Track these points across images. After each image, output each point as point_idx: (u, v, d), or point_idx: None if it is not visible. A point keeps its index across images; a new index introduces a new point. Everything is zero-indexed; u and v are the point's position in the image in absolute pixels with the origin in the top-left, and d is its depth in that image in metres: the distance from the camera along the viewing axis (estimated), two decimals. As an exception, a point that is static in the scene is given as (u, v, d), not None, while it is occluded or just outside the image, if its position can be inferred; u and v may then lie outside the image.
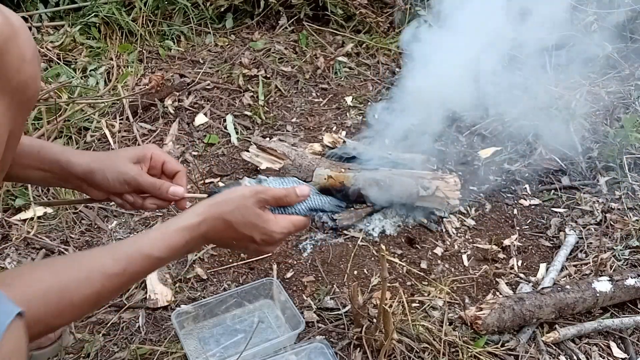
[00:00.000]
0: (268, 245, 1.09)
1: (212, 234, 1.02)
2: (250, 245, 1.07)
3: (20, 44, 0.94)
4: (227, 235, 1.04)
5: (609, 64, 2.52)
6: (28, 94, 1.00)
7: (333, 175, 1.68)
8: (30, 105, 1.05)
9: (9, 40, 0.92)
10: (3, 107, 0.96)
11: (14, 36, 0.93)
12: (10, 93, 0.96)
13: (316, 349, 1.34)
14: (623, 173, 1.94)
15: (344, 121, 2.24)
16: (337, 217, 1.70)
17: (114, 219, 1.75)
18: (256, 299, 1.50)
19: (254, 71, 2.45)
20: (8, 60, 0.93)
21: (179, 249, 0.98)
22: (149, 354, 1.36)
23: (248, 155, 1.91)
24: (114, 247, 1.09)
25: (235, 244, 1.08)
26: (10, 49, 0.92)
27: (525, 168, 2.02)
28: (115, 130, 2.08)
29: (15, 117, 1.00)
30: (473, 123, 2.21)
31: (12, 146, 1.06)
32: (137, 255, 0.94)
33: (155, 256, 0.95)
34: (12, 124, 1.01)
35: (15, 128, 1.03)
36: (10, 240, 1.65)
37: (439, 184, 1.71)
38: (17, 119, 1.01)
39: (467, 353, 1.36)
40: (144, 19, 2.55)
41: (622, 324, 1.47)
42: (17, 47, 0.94)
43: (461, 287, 1.58)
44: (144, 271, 0.96)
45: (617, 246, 1.69)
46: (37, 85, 1.02)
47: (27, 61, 0.96)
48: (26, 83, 0.98)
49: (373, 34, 2.73)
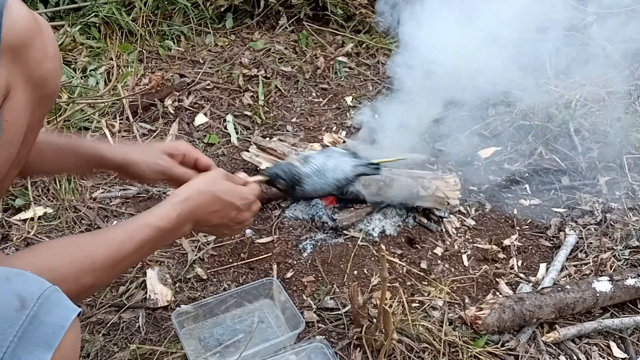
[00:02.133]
0: (247, 211, 1.21)
1: (200, 208, 1.12)
2: (233, 213, 1.18)
3: (44, 41, 1.00)
4: (213, 205, 1.14)
5: (609, 64, 2.52)
6: (48, 88, 1.05)
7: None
8: (49, 101, 1.11)
9: (35, 36, 0.98)
10: (24, 100, 1.01)
11: (39, 33, 0.99)
12: (32, 87, 1.02)
13: (316, 349, 1.34)
14: (623, 173, 1.94)
15: (344, 121, 2.24)
16: (337, 217, 1.70)
17: (114, 219, 1.75)
18: (256, 299, 1.50)
19: (254, 71, 2.45)
20: (32, 55, 0.99)
21: (172, 220, 1.07)
22: (149, 354, 1.36)
23: (248, 155, 1.91)
24: (121, 222, 1.22)
25: (220, 215, 1.17)
26: (34, 45, 0.98)
27: (525, 168, 2.02)
28: (115, 130, 2.08)
29: (34, 111, 1.06)
30: (473, 123, 2.21)
31: (29, 140, 1.12)
32: (141, 222, 1.04)
33: (154, 225, 1.04)
34: (31, 118, 1.06)
35: (34, 123, 1.09)
36: (10, 240, 1.65)
37: (439, 183, 1.71)
38: (36, 113, 1.08)
39: (467, 353, 1.36)
40: (144, 19, 2.55)
41: (622, 324, 1.48)
42: (42, 43, 0.99)
43: (461, 287, 1.58)
44: (149, 239, 1.04)
45: (617, 246, 1.69)
46: (57, 82, 1.08)
47: (49, 57, 1.02)
48: (47, 79, 1.03)
49: (373, 34, 2.73)
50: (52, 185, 1.80)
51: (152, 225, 1.04)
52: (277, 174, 1.35)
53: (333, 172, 1.43)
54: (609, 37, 2.54)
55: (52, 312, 0.71)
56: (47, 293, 0.71)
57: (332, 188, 1.43)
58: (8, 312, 0.68)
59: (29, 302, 0.69)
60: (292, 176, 1.36)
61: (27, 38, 0.97)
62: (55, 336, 0.70)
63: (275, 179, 1.35)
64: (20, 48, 0.97)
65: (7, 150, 1.04)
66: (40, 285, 0.72)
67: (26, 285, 0.71)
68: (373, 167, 1.53)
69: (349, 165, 1.47)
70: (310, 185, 1.39)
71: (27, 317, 0.69)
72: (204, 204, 1.14)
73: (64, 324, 0.71)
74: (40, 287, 0.71)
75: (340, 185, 1.44)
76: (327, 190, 1.42)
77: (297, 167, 1.39)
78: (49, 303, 0.71)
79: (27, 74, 1.00)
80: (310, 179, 1.40)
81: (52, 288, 0.72)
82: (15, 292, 0.70)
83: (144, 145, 1.46)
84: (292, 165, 1.39)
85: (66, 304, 0.73)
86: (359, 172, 1.48)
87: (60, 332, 0.70)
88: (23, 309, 0.69)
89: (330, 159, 1.44)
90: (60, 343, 0.70)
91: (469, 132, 2.18)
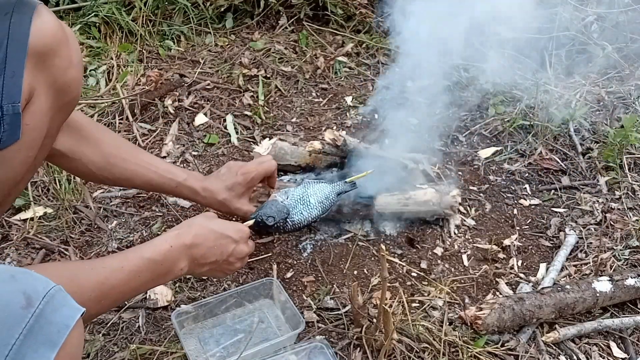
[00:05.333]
0: (245, 244, 1.23)
1: (195, 242, 1.12)
2: (231, 247, 1.19)
3: (70, 49, 1.05)
4: (209, 239, 1.15)
5: (609, 64, 2.52)
6: (70, 95, 1.09)
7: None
8: (70, 108, 1.16)
9: (61, 44, 1.03)
10: (46, 106, 1.04)
11: (65, 41, 1.04)
12: (54, 93, 1.05)
13: (316, 348, 1.34)
14: (623, 173, 1.94)
15: (344, 121, 2.24)
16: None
17: (114, 219, 1.75)
18: (256, 299, 1.50)
19: (254, 71, 2.45)
20: (57, 62, 1.03)
21: (163, 252, 1.07)
22: (149, 354, 1.36)
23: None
24: (115, 252, 1.26)
25: (219, 252, 1.18)
26: (61, 52, 1.02)
27: (525, 168, 2.02)
28: (115, 130, 2.08)
29: (54, 117, 1.10)
30: (473, 123, 2.21)
31: (47, 145, 1.16)
32: (132, 254, 1.04)
33: (145, 256, 1.04)
34: (50, 123, 1.10)
35: (53, 128, 1.13)
36: (10, 240, 1.65)
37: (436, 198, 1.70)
38: (55, 119, 1.11)
39: (467, 353, 1.36)
40: (144, 18, 2.55)
41: (622, 324, 1.48)
42: (67, 51, 1.04)
43: (461, 287, 1.58)
44: (139, 270, 1.03)
45: (617, 246, 1.69)
46: (78, 90, 1.13)
47: (74, 65, 1.07)
48: (70, 86, 1.08)
49: (373, 34, 2.73)
50: (52, 185, 1.80)
51: (143, 257, 1.04)
52: (265, 213, 1.40)
53: (315, 196, 1.51)
54: (609, 37, 2.54)
55: (58, 311, 0.71)
56: (53, 292, 0.72)
57: (318, 211, 1.50)
58: (14, 310, 0.68)
59: (35, 301, 0.69)
60: (279, 211, 1.42)
61: (53, 45, 1.01)
62: (60, 335, 0.70)
63: (266, 218, 1.39)
64: (46, 55, 1.00)
65: (26, 153, 1.07)
66: (46, 284, 0.72)
67: (32, 283, 0.71)
68: (349, 184, 1.61)
69: (327, 187, 1.55)
70: (298, 215, 1.46)
71: (33, 315, 0.69)
72: (200, 239, 1.14)
73: (69, 324, 0.71)
74: (46, 286, 0.72)
75: (324, 207, 1.51)
76: (314, 215, 1.49)
77: (281, 202, 1.46)
78: (55, 302, 0.71)
79: (51, 80, 1.03)
80: (296, 208, 1.47)
81: (57, 287, 0.72)
82: (21, 290, 0.70)
83: (228, 179, 1.51)
84: (276, 202, 1.45)
85: (71, 303, 0.74)
86: (338, 191, 1.57)
87: (65, 331, 0.70)
88: (29, 307, 0.69)
89: (308, 187, 1.52)
90: (64, 342, 0.70)
91: (469, 132, 2.18)
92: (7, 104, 0.97)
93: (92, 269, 0.97)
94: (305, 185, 1.53)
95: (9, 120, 0.98)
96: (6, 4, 1.00)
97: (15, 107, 0.98)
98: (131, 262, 1.02)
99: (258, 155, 1.89)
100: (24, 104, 1.01)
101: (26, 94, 1.00)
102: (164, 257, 1.06)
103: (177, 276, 1.12)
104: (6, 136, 0.99)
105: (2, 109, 0.97)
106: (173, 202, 1.80)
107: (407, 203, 1.70)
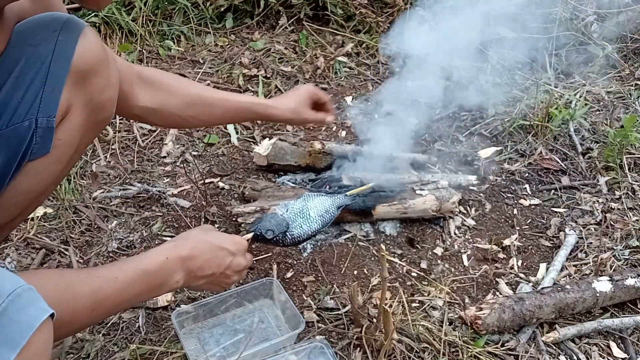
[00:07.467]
0: (243, 257, 1.21)
1: (191, 254, 1.10)
2: (228, 259, 1.17)
3: (110, 70, 1.09)
4: (205, 252, 1.12)
5: (609, 64, 2.53)
6: (104, 115, 1.13)
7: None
8: (101, 127, 1.19)
9: (102, 65, 1.07)
10: (80, 123, 1.08)
11: (107, 62, 1.08)
12: (89, 111, 1.09)
13: (316, 348, 1.34)
14: (623, 173, 1.94)
15: (344, 121, 2.24)
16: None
17: (114, 219, 1.75)
18: (256, 299, 1.50)
19: (254, 71, 2.45)
20: (96, 81, 1.06)
21: (158, 264, 1.04)
22: (149, 354, 1.36)
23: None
24: (110, 263, 1.23)
25: (216, 264, 1.15)
26: (100, 72, 1.06)
27: (525, 168, 2.02)
28: (115, 130, 2.08)
29: (86, 134, 1.12)
30: (473, 123, 2.21)
31: (73, 161, 1.18)
32: (126, 265, 1.02)
33: (140, 268, 1.02)
34: (81, 140, 1.12)
35: (82, 145, 1.16)
36: (10, 240, 1.65)
37: (435, 205, 1.71)
38: (86, 137, 1.14)
39: (467, 353, 1.36)
40: (144, 19, 2.55)
41: (622, 324, 1.48)
42: (107, 72, 1.08)
43: (461, 287, 1.58)
44: (132, 281, 1.00)
45: (617, 246, 1.69)
46: (112, 110, 1.16)
47: (110, 86, 1.10)
48: (104, 105, 1.11)
49: (373, 34, 2.73)
50: (52, 185, 1.80)
51: (138, 268, 1.01)
52: (264, 226, 1.37)
53: (315, 209, 1.47)
54: (609, 37, 2.54)
55: (23, 311, 0.68)
56: (20, 291, 0.68)
57: (318, 225, 1.45)
58: None
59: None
60: (278, 224, 1.39)
61: (95, 65, 1.05)
62: (23, 336, 0.67)
63: (265, 231, 1.36)
64: (87, 74, 1.04)
65: (54, 167, 1.09)
66: (15, 282, 0.69)
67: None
68: (350, 198, 1.59)
69: (328, 201, 1.52)
70: (297, 228, 1.42)
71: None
72: (197, 251, 1.11)
73: (33, 324, 0.68)
74: (13, 284, 0.68)
75: (325, 220, 1.48)
76: (314, 228, 1.45)
77: (280, 215, 1.42)
78: (21, 301, 0.68)
79: (87, 99, 1.07)
80: (296, 221, 1.43)
81: (26, 287, 0.69)
82: None
83: (293, 94, 1.64)
84: (275, 215, 1.41)
85: (39, 304, 0.70)
86: (339, 205, 1.54)
87: (29, 331, 0.67)
88: None
89: (308, 200, 1.49)
90: (27, 343, 0.67)
91: (469, 132, 2.18)
92: (42, 118, 1.00)
93: (86, 278, 0.95)
94: (305, 198, 1.49)
95: (42, 134, 1.01)
96: (56, 22, 1.05)
97: (50, 121, 1.01)
98: (125, 273, 0.99)
99: (258, 156, 1.89)
100: (59, 119, 1.04)
101: (62, 110, 1.03)
102: (159, 269, 1.04)
103: (172, 289, 1.09)
104: (37, 148, 1.02)
105: (37, 121, 1.00)
106: (173, 202, 1.80)
107: (406, 212, 1.71)
